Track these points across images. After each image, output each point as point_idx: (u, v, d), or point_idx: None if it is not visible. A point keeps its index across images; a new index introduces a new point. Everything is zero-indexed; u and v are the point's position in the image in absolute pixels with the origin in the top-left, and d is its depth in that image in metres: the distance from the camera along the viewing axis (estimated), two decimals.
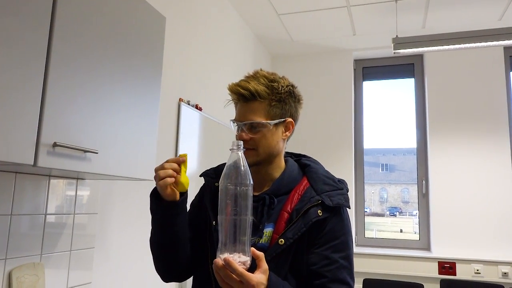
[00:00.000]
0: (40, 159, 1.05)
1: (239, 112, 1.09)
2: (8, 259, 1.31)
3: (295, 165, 1.15)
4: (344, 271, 1.01)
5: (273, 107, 1.06)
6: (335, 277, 0.99)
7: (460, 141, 3.51)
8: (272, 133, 1.07)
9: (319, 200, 1.03)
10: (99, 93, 1.26)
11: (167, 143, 2.24)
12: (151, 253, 1.11)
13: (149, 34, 1.53)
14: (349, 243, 1.05)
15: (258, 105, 1.06)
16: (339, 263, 1.01)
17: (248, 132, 1.06)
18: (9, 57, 0.97)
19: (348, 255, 1.04)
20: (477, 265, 3.20)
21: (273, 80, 1.07)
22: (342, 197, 1.06)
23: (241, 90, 1.05)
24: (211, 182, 1.17)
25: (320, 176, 1.10)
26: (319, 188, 1.06)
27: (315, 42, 3.81)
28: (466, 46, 2.80)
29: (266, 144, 1.06)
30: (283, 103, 1.08)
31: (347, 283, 1.01)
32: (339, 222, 1.05)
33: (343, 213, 1.07)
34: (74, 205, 1.60)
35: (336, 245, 1.02)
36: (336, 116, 3.88)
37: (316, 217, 1.01)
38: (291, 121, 1.10)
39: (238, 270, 0.82)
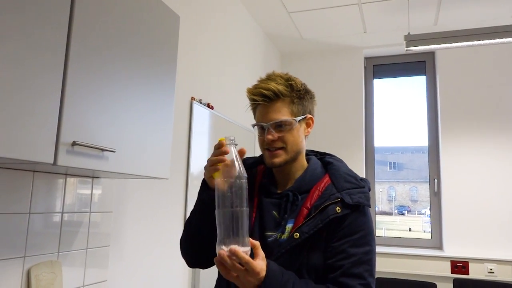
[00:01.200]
0: (59, 157, 1.05)
1: (262, 113, 1.09)
2: (27, 257, 1.32)
3: (318, 163, 1.16)
4: (361, 266, 0.99)
5: (295, 104, 1.08)
6: (349, 271, 0.98)
7: (473, 139, 3.47)
8: (298, 129, 1.09)
9: (339, 198, 1.03)
10: (116, 91, 1.27)
11: (180, 142, 2.24)
12: (183, 234, 1.15)
13: (164, 32, 1.53)
14: (369, 240, 1.03)
15: (281, 103, 1.07)
16: (356, 257, 0.99)
17: (275, 132, 1.07)
18: (28, 56, 0.97)
19: (367, 252, 1.02)
20: (491, 265, 3.16)
21: (289, 79, 1.09)
22: (363, 196, 1.05)
23: (264, 91, 1.06)
24: None
25: (342, 173, 1.10)
26: (340, 186, 1.06)
27: (325, 40, 3.79)
28: (479, 43, 2.77)
29: (294, 141, 1.08)
30: (303, 99, 1.10)
31: (363, 278, 0.98)
32: (359, 217, 1.04)
33: (365, 211, 1.06)
34: (90, 203, 1.61)
35: (355, 239, 1.01)
36: (346, 115, 3.86)
37: (334, 214, 1.01)
38: (311, 117, 1.13)
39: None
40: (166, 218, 2.11)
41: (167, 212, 2.12)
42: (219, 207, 0.91)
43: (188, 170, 2.30)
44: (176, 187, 2.21)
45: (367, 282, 0.99)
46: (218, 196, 0.92)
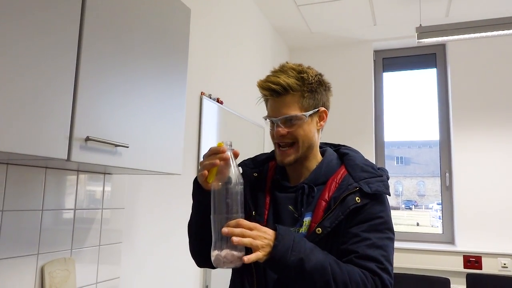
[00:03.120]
0: (73, 153, 1.04)
1: (272, 107, 1.07)
2: (40, 254, 1.31)
3: (333, 154, 1.13)
4: (377, 250, 0.95)
5: (306, 98, 1.05)
6: (364, 253, 0.94)
7: (485, 133, 3.42)
8: (308, 124, 1.06)
9: (357, 187, 1.01)
10: (128, 87, 1.25)
11: (190, 137, 2.22)
12: (188, 236, 1.15)
13: (175, 26, 1.51)
14: (385, 228, 1.00)
15: (291, 98, 1.04)
16: (371, 240, 0.96)
17: (284, 127, 1.05)
18: (41, 52, 0.96)
19: (384, 238, 0.98)
20: (504, 259, 3.12)
21: (302, 71, 1.05)
22: (382, 184, 1.03)
23: (272, 86, 1.03)
24: (250, 172, 1.16)
25: (358, 163, 1.08)
26: (357, 175, 1.04)
27: (334, 33, 3.75)
28: (492, 34, 2.71)
29: (305, 136, 1.05)
30: (315, 93, 1.06)
31: (379, 262, 0.93)
32: (376, 205, 1.01)
33: (383, 200, 1.03)
34: (102, 200, 1.59)
35: (370, 225, 0.98)
36: (356, 109, 3.82)
37: (354, 204, 0.98)
38: (324, 110, 1.10)
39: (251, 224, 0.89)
40: (178, 213, 2.09)
41: (179, 208, 2.11)
42: (214, 212, 0.91)
43: (198, 166, 2.28)
44: (187, 182, 2.19)
45: (384, 266, 0.94)
46: (214, 201, 0.92)
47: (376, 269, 0.92)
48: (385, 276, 0.93)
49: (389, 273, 0.95)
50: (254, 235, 0.87)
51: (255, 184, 1.14)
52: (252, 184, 1.13)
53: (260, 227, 0.89)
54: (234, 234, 0.86)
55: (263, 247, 0.87)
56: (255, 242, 0.87)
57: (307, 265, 0.87)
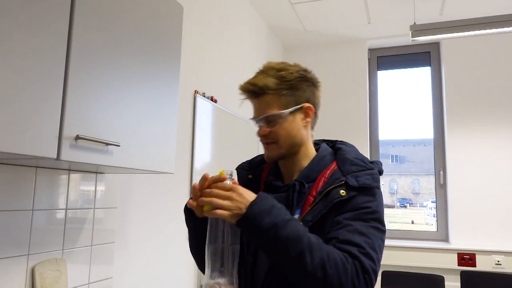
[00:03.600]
0: (63, 152, 1.02)
1: (254, 108, 1.08)
2: (31, 254, 1.29)
3: (327, 150, 1.11)
4: (360, 236, 0.90)
5: (285, 95, 1.03)
6: (344, 238, 0.90)
7: (479, 131, 3.43)
8: (290, 122, 1.04)
9: (343, 181, 0.98)
10: (119, 84, 1.23)
11: (184, 136, 2.21)
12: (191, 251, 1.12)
13: (167, 23, 1.49)
14: (371, 218, 0.95)
15: (270, 97, 1.03)
16: (353, 226, 0.92)
17: (266, 126, 1.04)
18: (29, 48, 0.94)
19: (369, 226, 0.93)
20: (498, 256, 3.14)
21: (281, 69, 1.04)
22: (370, 177, 0.99)
23: (250, 87, 1.04)
24: (245, 175, 1.15)
25: (349, 157, 1.05)
26: (346, 169, 1.02)
27: (328, 31, 3.74)
28: (487, 32, 2.72)
29: (286, 134, 1.04)
30: (295, 89, 1.04)
31: (361, 247, 0.89)
32: (364, 196, 0.97)
33: (373, 193, 0.99)
34: (94, 199, 1.57)
35: (356, 214, 0.94)
36: (350, 108, 3.82)
37: (339, 198, 0.96)
38: (309, 106, 1.06)
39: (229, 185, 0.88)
40: (171, 213, 2.08)
41: (172, 207, 2.09)
42: (210, 242, 0.89)
43: (192, 164, 2.26)
44: (181, 181, 2.18)
45: (366, 251, 0.89)
46: (211, 230, 0.89)
47: (357, 253, 0.88)
48: (366, 260, 0.88)
49: (372, 259, 0.89)
50: (224, 195, 0.86)
51: (250, 186, 1.11)
52: (247, 187, 1.12)
53: (239, 190, 0.88)
54: (204, 194, 0.87)
55: (230, 208, 0.85)
56: (220, 202, 0.86)
57: (281, 231, 0.84)
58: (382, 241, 0.96)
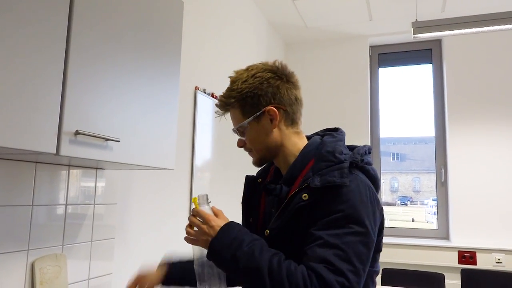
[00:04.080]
0: (62, 147, 1.01)
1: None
2: (31, 250, 1.29)
3: (313, 144, 1.04)
4: (329, 250, 0.84)
5: (242, 106, 1.04)
6: (313, 254, 0.85)
7: (480, 128, 3.42)
8: (256, 129, 1.04)
9: (306, 183, 0.92)
10: (119, 80, 1.23)
11: (184, 132, 2.20)
12: None
13: (167, 19, 1.48)
14: (344, 223, 0.87)
15: (233, 111, 1.07)
16: (322, 240, 0.85)
17: (240, 137, 1.09)
18: (28, 43, 0.93)
19: (343, 234, 0.85)
20: (498, 255, 3.13)
21: (233, 81, 1.07)
22: (338, 173, 0.90)
23: (218, 103, 1.10)
24: (252, 180, 1.17)
25: (323, 152, 0.98)
26: (316, 167, 0.95)
27: (330, 28, 3.72)
28: (489, 29, 2.70)
29: (255, 141, 1.05)
30: (249, 97, 1.02)
31: (328, 262, 0.82)
32: (334, 198, 0.89)
33: (341, 192, 0.90)
34: (94, 195, 1.57)
35: (326, 221, 0.87)
36: (351, 105, 3.81)
37: (300, 203, 0.91)
38: (270, 108, 1.01)
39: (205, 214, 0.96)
40: (171, 209, 2.08)
41: (172, 203, 2.09)
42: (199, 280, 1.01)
43: (192, 161, 2.26)
44: (181, 177, 2.17)
45: (336, 268, 0.82)
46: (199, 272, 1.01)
47: (322, 271, 0.82)
48: (333, 277, 0.81)
49: (343, 274, 0.82)
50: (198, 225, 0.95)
51: (256, 190, 1.15)
52: (253, 191, 1.15)
53: (212, 220, 0.94)
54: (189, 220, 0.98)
55: (200, 238, 0.95)
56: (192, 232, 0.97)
57: (241, 264, 0.86)
58: (365, 244, 0.87)
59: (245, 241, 0.88)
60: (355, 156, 0.96)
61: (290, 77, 1.05)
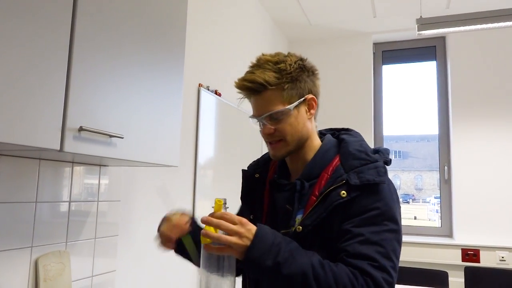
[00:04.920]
0: (66, 144, 1.01)
1: (255, 106, 1.01)
2: (34, 246, 1.29)
3: (331, 142, 1.05)
4: (371, 247, 0.85)
5: (287, 89, 0.97)
6: (355, 251, 0.85)
7: (484, 126, 3.40)
8: (296, 116, 0.98)
9: (344, 180, 0.91)
10: (123, 76, 1.22)
11: (188, 129, 2.20)
12: None
13: (172, 16, 1.48)
14: (382, 220, 0.89)
15: (271, 93, 0.96)
16: (363, 236, 0.86)
17: (271, 124, 0.98)
18: (32, 40, 0.92)
19: (381, 231, 0.87)
20: (502, 252, 3.12)
21: (278, 61, 0.98)
22: (375, 171, 0.92)
23: (248, 84, 0.97)
24: (251, 174, 1.12)
25: (351, 150, 0.98)
26: (348, 165, 0.95)
27: (333, 25, 3.71)
28: (494, 26, 2.68)
29: (293, 130, 0.98)
30: (297, 81, 0.98)
31: (372, 259, 0.84)
32: (370, 196, 0.90)
33: (378, 189, 0.91)
34: (98, 192, 1.57)
35: (362, 219, 0.88)
36: (355, 102, 3.79)
37: (338, 200, 0.90)
38: (312, 97, 1.01)
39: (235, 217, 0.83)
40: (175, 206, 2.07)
41: (176, 201, 2.08)
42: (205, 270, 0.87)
43: (196, 158, 2.25)
44: (184, 175, 2.17)
45: (380, 264, 0.84)
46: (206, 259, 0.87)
47: (368, 268, 0.83)
48: (379, 274, 0.83)
49: (387, 270, 0.85)
50: (232, 229, 0.81)
51: (256, 186, 1.10)
52: (252, 187, 1.09)
53: (246, 223, 0.83)
54: (211, 223, 0.82)
55: (237, 244, 0.81)
56: (228, 239, 0.81)
57: (284, 269, 0.80)
58: (398, 241, 0.90)
59: (282, 245, 0.83)
60: (385, 157, 0.98)
61: (316, 70, 1.05)
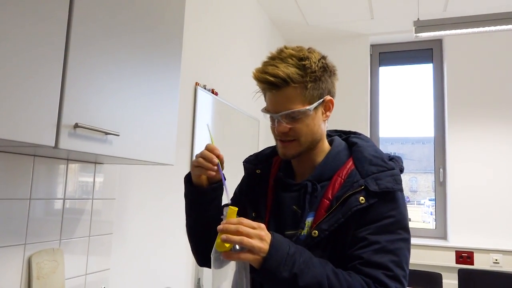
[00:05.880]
0: (61, 140, 1.00)
1: (272, 101, 0.94)
2: (28, 244, 1.28)
3: (341, 144, 1.03)
4: (386, 256, 0.84)
5: (310, 89, 0.92)
6: (370, 260, 0.84)
7: (480, 129, 3.42)
8: (313, 118, 0.95)
9: (362, 186, 0.89)
10: (119, 73, 1.21)
11: (184, 128, 2.19)
12: (188, 235, 1.10)
13: (169, 14, 1.47)
14: (397, 228, 0.88)
15: (293, 90, 0.91)
16: (379, 244, 0.85)
17: (287, 123, 0.93)
18: (28, 36, 0.91)
19: (394, 240, 0.87)
20: (496, 255, 3.14)
21: (303, 57, 0.92)
22: (392, 179, 0.91)
23: (270, 78, 0.90)
24: (253, 169, 1.08)
25: (367, 155, 0.96)
26: (365, 170, 0.92)
27: (331, 26, 3.71)
28: (491, 29, 2.69)
29: (308, 131, 0.95)
30: (319, 81, 0.93)
31: (387, 269, 0.83)
32: (387, 203, 0.89)
33: (395, 197, 0.91)
34: (92, 190, 1.56)
35: (378, 226, 0.87)
36: (351, 104, 3.79)
37: (357, 206, 0.88)
38: (330, 99, 0.98)
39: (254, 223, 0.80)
40: (169, 205, 2.07)
41: (171, 199, 2.08)
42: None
43: (192, 157, 2.25)
44: (180, 173, 2.15)
45: (394, 273, 0.84)
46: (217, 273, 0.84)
47: (382, 278, 0.83)
48: (393, 284, 0.83)
49: (399, 280, 0.84)
50: (253, 233, 0.78)
51: (258, 182, 1.06)
52: (254, 183, 1.05)
53: (264, 228, 0.80)
54: (227, 231, 0.77)
55: (259, 248, 0.77)
56: (251, 242, 0.77)
57: (301, 281, 0.78)
58: (408, 250, 0.90)
59: (297, 255, 0.81)
60: (400, 165, 0.97)
61: (336, 69, 1.02)
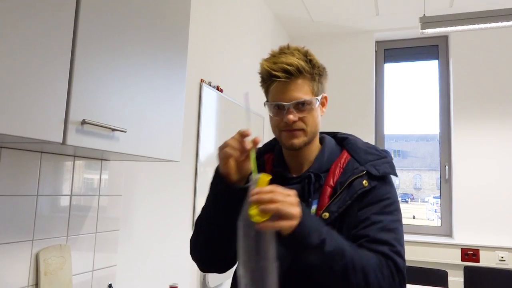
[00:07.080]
0: (69, 137, 1.00)
1: (282, 91, 0.97)
2: (35, 240, 1.28)
3: (332, 141, 1.11)
4: (389, 234, 0.93)
5: (316, 82, 1.00)
6: (376, 237, 0.91)
7: (486, 126, 3.40)
8: (316, 110, 1.01)
9: (364, 171, 0.98)
10: (126, 70, 1.21)
11: (189, 124, 2.19)
12: (195, 234, 1.07)
13: (175, 11, 1.47)
14: (394, 209, 0.98)
15: (304, 81, 0.98)
16: (382, 223, 0.93)
17: (296, 112, 0.97)
18: (36, 33, 0.91)
19: (393, 220, 0.96)
20: (502, 252, 3.12)
21: (307, 53, 1.01)
22: (388, 166, 1.01)
23: (287, 67, 0.94)
24: None
25: (361, 146, 1.06)
26: (362, 158, 1.02)
27: (336, 23, 3.69)
28: (497, 25, 2.66)
29: (314, 122, 1.01)
30: (322, 77, 1.03)
31: (391, 245, 0.91)
32: (384, 186, 0.99)
33: (390, 181, 1.02)
34: (99, 186, 1.56)
35: (380, 207, 0.96)
36: (356, 100, 3.78)
37: (362, 188, 0.96)
38: (325, 96, 1.07)
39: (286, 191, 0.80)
40: (175, 201, 2.07)
41: (177, 196, 2.08)
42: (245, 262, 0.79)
43: (197, 154, 2.25)
44: (186, 170, 2.16)
45: (397, 249, 0.92)
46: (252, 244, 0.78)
47: (389, 252, 0.90)
48: (399, 259, 0.91)
49: (402, 256, 0.92)
50: (290, 201, 0.78)
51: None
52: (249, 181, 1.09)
53: (295, 194, 0.81)
54: (262, 200, 0.76)
55: (294, 216, 0.78)
56: (288, 209, 0.77)
57: (327, 247, 0.82)
58: (403, 232, 0.98)
59: (322, 223, 0.87)
60: (391, 156, 1.08)
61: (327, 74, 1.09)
